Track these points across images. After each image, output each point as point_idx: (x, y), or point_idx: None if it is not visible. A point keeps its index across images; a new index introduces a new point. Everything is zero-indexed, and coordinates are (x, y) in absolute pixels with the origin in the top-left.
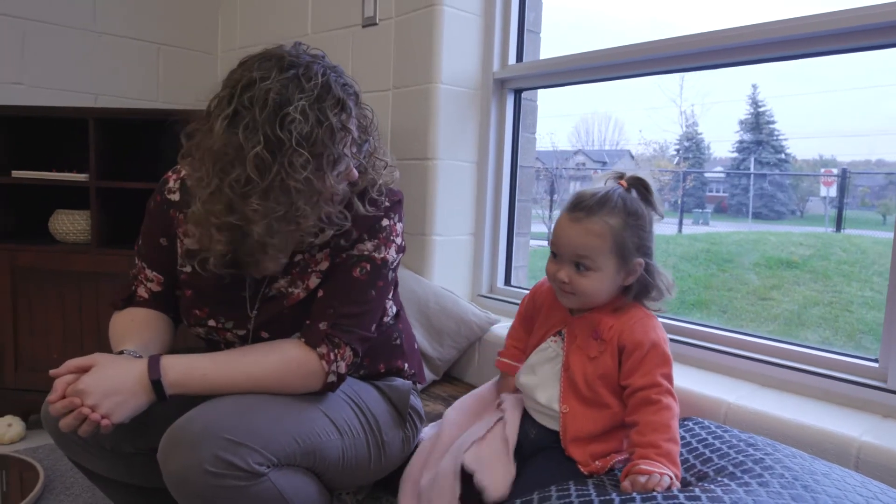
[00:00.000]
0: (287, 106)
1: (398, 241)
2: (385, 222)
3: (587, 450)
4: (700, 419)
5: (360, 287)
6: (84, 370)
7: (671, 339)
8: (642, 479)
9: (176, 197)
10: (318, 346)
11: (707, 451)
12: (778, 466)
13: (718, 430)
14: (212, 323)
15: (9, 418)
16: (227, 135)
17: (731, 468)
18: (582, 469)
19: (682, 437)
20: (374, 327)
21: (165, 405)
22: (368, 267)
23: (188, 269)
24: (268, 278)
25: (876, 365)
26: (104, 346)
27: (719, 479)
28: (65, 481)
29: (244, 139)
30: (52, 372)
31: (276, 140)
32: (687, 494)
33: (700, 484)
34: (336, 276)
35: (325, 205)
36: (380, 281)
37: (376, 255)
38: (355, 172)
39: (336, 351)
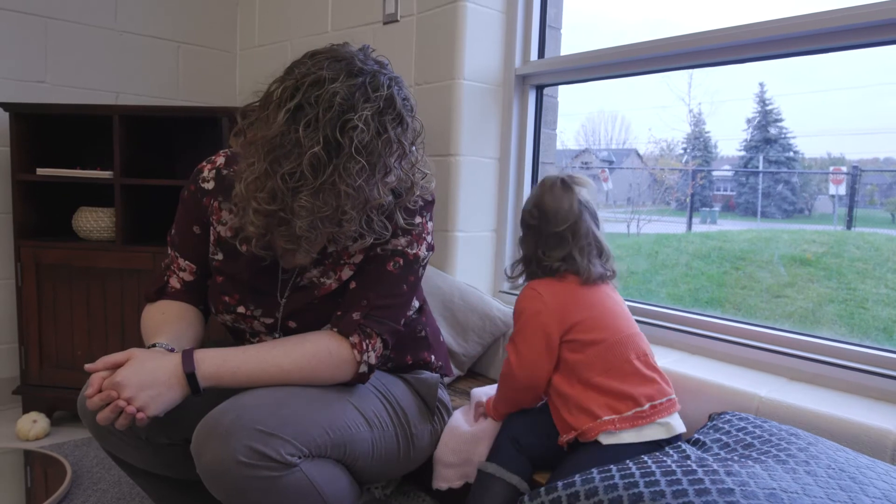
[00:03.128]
0: (351, 112)
1: (429, 238)
2: (418, 220)
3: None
4: (736, 412)
5: (393, 280)
6: (119, 366)
7: (694, 334)
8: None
9: (210, 185)
10: (350, 336)
11: (748, 438)
12: (824, 457)
13: (758, 422)
14: (241, 310)
15: (34, 414)
16: (286, 127)
17: (775, 452)
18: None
19: (722, 428)
20: (402, 321)
21: (199, 397)
22: (402, 262)
23: (220, 256)
24: (299, 267)
25: None
26: (128, 344)
27: (762, 458)
28: (92, 476)
29: (304, 136)
30: (87, 367)
31: (336, 143)
32: (728, 469)
33: (741, 462)
34: (370, 269)
35: (370, 212)
36: (411, 276)
37: (409, 250)
38: (395, 181)
39: (368, 341)
